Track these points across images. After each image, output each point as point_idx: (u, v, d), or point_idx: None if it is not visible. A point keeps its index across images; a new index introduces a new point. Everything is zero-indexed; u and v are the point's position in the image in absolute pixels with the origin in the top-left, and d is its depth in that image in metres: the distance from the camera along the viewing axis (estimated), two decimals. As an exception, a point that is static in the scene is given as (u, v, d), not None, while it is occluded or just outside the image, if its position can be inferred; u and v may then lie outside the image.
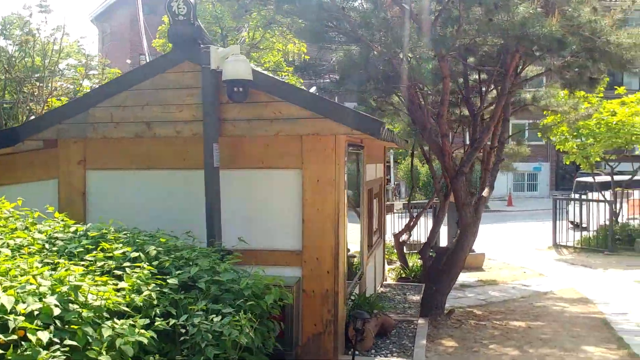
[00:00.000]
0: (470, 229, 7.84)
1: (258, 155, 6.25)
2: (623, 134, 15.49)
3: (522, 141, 12.82)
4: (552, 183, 32.11)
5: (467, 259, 13.06)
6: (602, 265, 13.34)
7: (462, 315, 8.58)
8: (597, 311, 8.96)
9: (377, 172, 9.89)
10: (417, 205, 14.44)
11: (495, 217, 25.75)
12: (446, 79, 7.24)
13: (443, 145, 7.56)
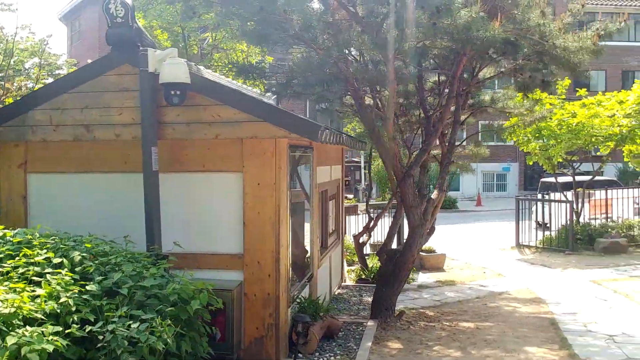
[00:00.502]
0: (419, 231, 7.88)
1: (199, 159, 6.23)
2: (583, 135, 15.71)
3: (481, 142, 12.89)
4: (520, 183, 32.52)
5: (428, 260, 13.24)
6: (562, 265, 13.50)
7: (414, 316, 8.63)
8: (547, 311, 9.07)
9: (333, 173, 9.91)
10: (380, 206, 14.48)
11: (463, 217, 26.02)
12: (392, 82, 7.26)
13: (390, 147, 7.59)
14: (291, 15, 6.33)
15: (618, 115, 16.01)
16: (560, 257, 14.69)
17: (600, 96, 16.88)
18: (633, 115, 15.95)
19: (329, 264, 9.72)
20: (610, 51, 32.50)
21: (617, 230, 16.11)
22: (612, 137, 16.12)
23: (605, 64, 32.38)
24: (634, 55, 32.31)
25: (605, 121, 15.83)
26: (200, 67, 8.33)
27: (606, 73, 31.39)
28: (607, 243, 15.17)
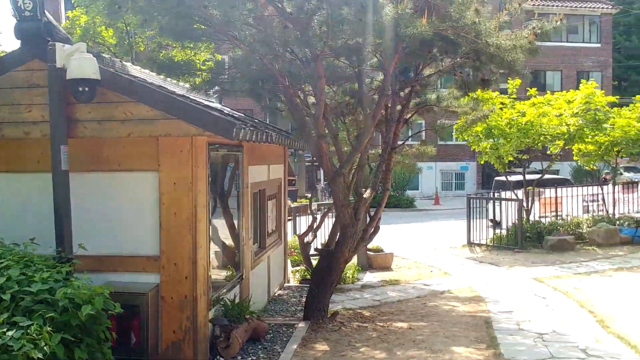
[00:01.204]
0: (349, 231, 7.78)
1: (114, 158, 6.02)
2: (532, 134, 15.85)
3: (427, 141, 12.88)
4: (479, 182, 32.81)
5: (375, 259, 13.19)
6: (509, 263, 13.58)
7: (349, 316, 8.53)
8: (484, 310, 9.06)
9: (271, 173, 9.75)
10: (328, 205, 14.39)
11: (420, 215, 26.12)
12: (321, 79, 7.15)
13: (320, 146, 7.47)
14: (212, 10, 6.16)
15: (565, 114, 16.22)
16: (509, 255, 14.79)
17: (549, 95, 17.08)
18: (580, 114, 16.17)
19: (267, 265, 9.57)
20: (566, 52, 33.18)
21: (566, 228, 16.31)
22: (560, 136, 16.33)
23: (561, 64, 32.95)
24: (588, 56, 32.90)
25: (554, 120, 16.01)
26: (127, 64, 8.09)
27: (562, 73, 31.90)
28: (555, 241, 15.33)
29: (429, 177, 31.86)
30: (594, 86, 16.61)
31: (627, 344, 7.07)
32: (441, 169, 31.82)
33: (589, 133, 16.54)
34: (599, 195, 18.23)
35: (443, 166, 30.68)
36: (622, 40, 37.48)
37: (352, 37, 7.21)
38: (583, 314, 8.67)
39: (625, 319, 8.42)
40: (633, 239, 16.15)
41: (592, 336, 7.42)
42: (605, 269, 12.60)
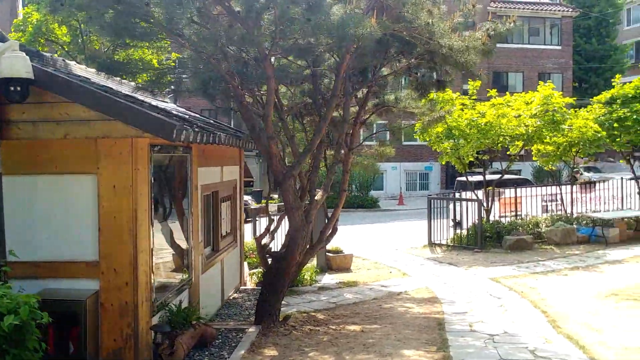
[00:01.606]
0: (300, 234, 7.67)
1: (52, 160, 5.81)
2: (491, 135, 15.95)
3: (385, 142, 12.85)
4: (442, 182, 33.04)
5: (335, 261, 13.11)
6: (468, 263, 13.63)
7: (302, 320, 8.43)
8: (439, 311, 9.05)
9: (225, 174, 9.59)
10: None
11: (384, 216, 26.18)
12: (270, 79, 7.02)
13: (270, 147, 7.34)
14: (154, 8, 5.98)
15: (524, 115, 16.38)
16: (469, 255, 14.86)
17: (508, 97, 17.23)
18: (538, 115, 16.35)
19: (221, 268, 9.40)
20: (527, 54, 33.64)
21: (525, 227, 16.48)
22: (519, 137, 16.47)
23: (522, 66, 33.38)
24: (549, 57, 33.42)
25: (513, 121, 16.15)
26: (71, 63, 7.84)
27: (523, 75, 32.35)
28: (513, 240, 15.47)
29: (394, 178, 31.96)
30: (551, 87, 16.82)
31: (576, 344, 7.10)
32: (406, 169, 31.97)
33: (547, 134, 16.73)
34: (557, 195, 18.47)
35: (407, 166, 30.83)
36: (582, 43, 38.16)
37: (302, 37, 7.10)
38: (536, 314, 8.71)
39: (577, 318, 8.49)
40: (590, 238, 16.39)
41: (542, 337, 7.44)
42: (562, 268, 12.74)
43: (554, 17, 33.66)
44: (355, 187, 27.95)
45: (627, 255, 14.24)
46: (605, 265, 13.13)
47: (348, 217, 25.19)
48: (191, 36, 6.31)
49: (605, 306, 9.28)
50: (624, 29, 44.45)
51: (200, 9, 6.69)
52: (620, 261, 13.56)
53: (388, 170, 31.94)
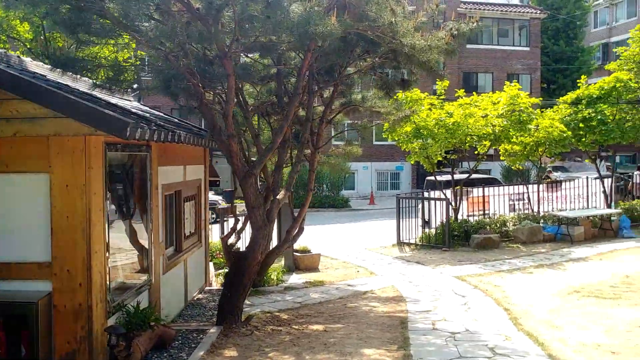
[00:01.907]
0: (262, 233, 7.61)
1: (1, 159, 5.65)
2: (459, 134, 16.05)
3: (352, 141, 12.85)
4: (413, 181, 33.20)
5: (302, 260, 13.06)
6: (436, 262, 13.69)
7: (266, 320, 8.36)
8: (403, 310, 9.06)
9: (188, 173, 9.48)
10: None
11: (355, 215, 26.22)
12: (230, 77, 6.94)
13: (230, 145, 7.26)
14: (109, 4, 5.87)
15: (491, 115, 16.54)
16: (437, 254, 14.93)
17: (475, 96, 17.38)
18: (505, 115, 16.51)
19: (185, 268, 9.29)
20: (497, 55, 34.00)
21: (492, 226, 16.63)
22: (487, 136, 16.61)
23: (492, 66, 33.74)
24: (518, 59, 33.84)
25: (480, 121, 16.28)
26: (26, 59, 7.67)
27: (493, 75, 32.69)
28: (481, 239, 15.60)
29: (365, 177, 32.04)
30: (518, 88, 17.00)
31: (535, 341, 7.17)
32: (377, 169, 32.05)
33: (514, 134, 16.92)
34: (524, 194, 18.69)
35: (379, 166, 30.93)
36: (550, 44, 38.71)
37: (263, 35, 7.05)
38: (498, 312, 8.78)
39: (539, 315, 8.58)
40: (556, 236, 16.62)
41: (503, 334, 7.50)
42: (527, 266, 12.88)
43: (523, 18, 34.08)
44: (327, 187, 27.95)
45: (591, 253, 14.46)
46: (569, 263, 13.31)
47: (319, 217, 25.19)
48: (148, 33, 6.21)
49: (566, 303, 9.40)
50: (591, 31, 45.24)
51: (159, 5, 6.61)
52: (584, 259, 13.76)
53: (359, 170, 32.01)
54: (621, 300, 9.51)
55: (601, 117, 18.31)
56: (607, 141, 18.86)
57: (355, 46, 9.45)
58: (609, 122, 18.35)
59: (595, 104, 18.79)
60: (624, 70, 20.29)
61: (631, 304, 9.23)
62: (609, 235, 16.92)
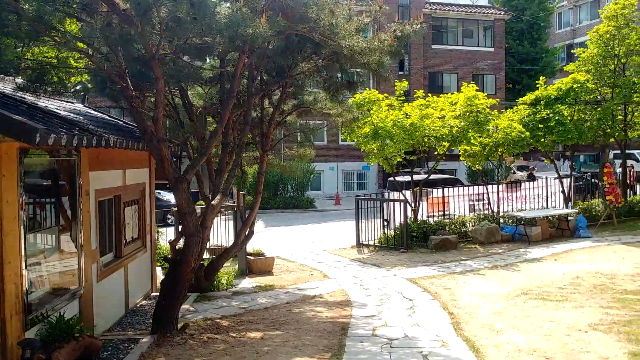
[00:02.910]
0: (194, 239, 7.44)
1: None
2: (416, 135, 16.03)
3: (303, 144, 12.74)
4: (380, 182, 33.21)
5: (255, 264, 12.90)
6: (392, 264, 13.64)
7: (204, 327, 8.19)
8: (348, 315, 8.96)
9: (129, 178, 9.24)
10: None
11: (319, 216, 26.10)
12: (158, 79, 6.76)
13: (161, 150, 7.07)
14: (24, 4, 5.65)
15: (448, 116, 16.56)
16: (395, 256, 14.89)
17: (430, 97, 17.39)
18: (462, 116, 16.53)
19: (125, 274, 9.07)
20: (462, 55, 34.20)
21: (450, 227, 16.64)
22: (445, 137, 16.62)
23: (457, 67, 33.91)
24: (483, 59, 34.07)
25: (437, 122, 16.28)
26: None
27: (458, 76, 32.85)
28: (439, 240, 15.60)
29: (332, 177, 31.96)
30: (475, 89, 17.04)
31: (471, 347, 7.12)
32: (343, 169, 31.99)
33: (472, 134, 16.95)
34: (484, 195, 18.75)
35: (345, 166, 30.87)
36: (515, 45, 39.08)
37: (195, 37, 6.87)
38: (442, 316, 8.73)
39: (482, 319, 8.55)
40: (514, 236, 16.71)
41: (440, 340, 7.44)
42: (481, 268, 12.90)
43: (487, 19, 34.32)
44: (291, 188, 27.79)
45: (546, 253, 14.55)
46: (524, 263, 13.36)
47: (283, 218, 25.04)
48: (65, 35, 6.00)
49: (512, 306, 9.39)
50: (555, 32, 45.81)
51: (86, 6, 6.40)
52: (538, 259, 13.83)
53: (326, 170, 31.93)
54: (567, 302, 9.54)
55: (559, 117, 18.47)
56: (564, 141, 19.06)
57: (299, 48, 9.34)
58: (566, 123, 18.52)
59: (553, 105, 18.95)
60: (582, 71, 20.53)
61: (575, 306, 9.26)
62: (566, 235, 17.06)
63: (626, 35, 19.78)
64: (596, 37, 20.27)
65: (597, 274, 11.74)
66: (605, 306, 9.18)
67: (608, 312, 8.76)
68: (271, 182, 26.38)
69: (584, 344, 7.23)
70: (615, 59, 19.94)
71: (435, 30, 33.10)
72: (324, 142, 31.20)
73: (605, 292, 10.21)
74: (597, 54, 20.15)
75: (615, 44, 19.82)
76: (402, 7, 32.52)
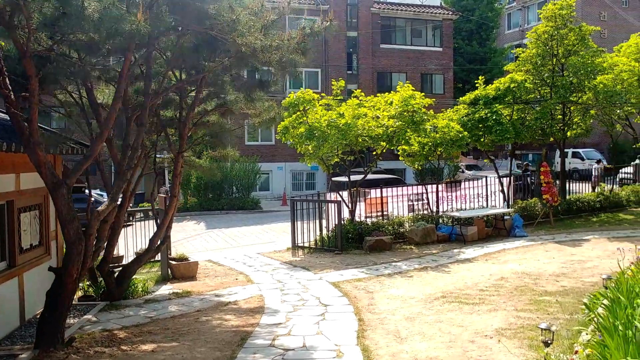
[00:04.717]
0: (76, 248, 7.01)
1: None
2: (350, 135, 15.80)
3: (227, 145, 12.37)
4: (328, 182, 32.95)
5: (178, 269, 12.47)
6: (322, 266, 13.38)
7: (99, 339, 7.77)
8: (255, 323, 8.64)
9: (24, 182, 8.75)
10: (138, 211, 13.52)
11: (265, 217, 25.74)
12: (32, 78, 6.32)
13: (37, 154, 6.63)
14: None
15: (383, 116, 16.38)
16: (328, 258, 14.64)
17: (363, 97, 17.21)
18: (398, 116, 16.36)
19: (20, 284, 8.57)
20: (410, 55, 34.19)
21: (386, 228, 16.45)
22: (380, 137, 16.44)
23: (406, 66, 33.89)
24: (431, 59, 34.11)
25: (370, 122, 16.09)
26: None
27: (407, 75, 32.80)
28: (373, 241, 15.41)
29: (280, 178, 31.57)
30: (411, 88, 16.90)
31: (366, 357, 6.88)
32: (292, 170, 31.58)
33: (410, 134, 16.82)
34: (423, 195, 18.64)
35: (294, 166, 30.44)
36: (464, 45, 39.31)
37: (70, 33, 6.45)
38: (351, 323, 8.47)
39: (391, 325, 8.34)
40: (450, 236, 16.63)
41: (338, 350, 7.17)
42: (411, 269, 12.73)
43: (435, 19, 34.37)
44: (236, 189, 27.31)
45: (479, 253, 14.49)
46: (455, 264, 13.26)
47: (226, 220, 24.58)
48: None
49: (428, 310, 9.21)
50: (505, 32, 46.32)
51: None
52: (470, 260, 13.75)
53: (274, 170, 31.53)
54: (483, 305, 9.41)
55: (496, 117, 18.48)
56: (502, 141, 19.08)
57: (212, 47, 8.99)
58: (504, 123, 18.55)
59: (492, 104, 18.98)
60: (521, 71, 20.64)
61: (490, 309, 9.13)
62: (502, 235, 17.08)
63: (564, 36, 19.95)
64: (535, 37, 20.40)
65: (523, 275, 11.69)
66: (519, 309, 9.07)
67: (520, 316, 8.65)
68: (216, 182, 25.87)
69: (485, 351, 7.06)
70: (554, 59, 20.08)
71: (384, 30, 32.96)
72: (271, 142, 30.79)
73: (524, 293, 10.13)
74: (536, 54, 20.27)
75: (554, 44, 19.97)
76: (350, 6, 32.32)
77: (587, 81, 19.40)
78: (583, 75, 19.33)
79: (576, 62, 19.56)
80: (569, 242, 15.48)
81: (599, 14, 40.88)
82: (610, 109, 20.38)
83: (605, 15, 41.11)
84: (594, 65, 19.40)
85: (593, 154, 34.08)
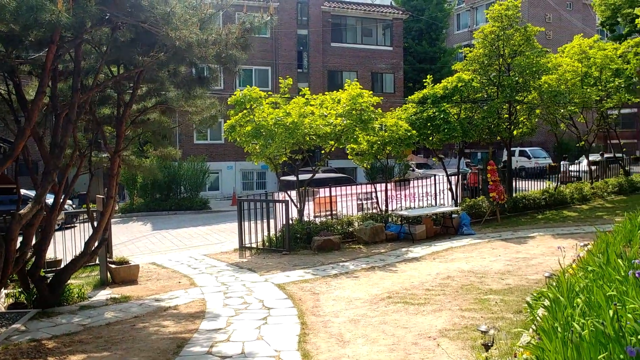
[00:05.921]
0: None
1: None
2: (297, 134, 15.58)
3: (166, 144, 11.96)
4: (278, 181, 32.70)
5: (118, 273, 11.98)
6: (269, 268, 13.11)
7: (23, 351, 7.30)
8: (193, 329, 8.30)
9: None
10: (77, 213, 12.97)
11: (213, 217, 25.33)
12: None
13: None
14: None
15: (330, 114, 16.21)
16: (276, 258, 14.38)
17: (309, 95, 17.03)
18: (346, 115, 16.23)
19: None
20: (360, 54, 34.22)
21: (337, 227, 16.30)
22: (328, 136, 16.27)
23: (356, 65, 33.91)
24: (382, 58, 34.22)
25: (317, 120, 15.90)
26: None
27: (357, 74, 32.82)
28: (321, 241, 15.23)
29: (230, 177, 31.11)
30: (359, 87, 16.78)
31: (305, 364, 6.67)
32: (242, 169, 31.15)
33: (358, 133, 16.70)
34: (372, 193, 18.57)
35: (244, 166, 30.03)
36: (414, 45, 39.63)
37: None
38: (293, 327, 8.22)
39: (336, 327, 8.15)
40: (399, 235, 16.59)
41: (277, 356, 6.91)
42: (357, 269, 12.58)
43: (385, 18, 34.47)
44: (184, 188, 26.74)
45: (426, 252, 14.47)
46: (402, 264, 13.18)
47: (174, 221, 24.06)
48: None
49: (373, 311, 9.05)
50: (454, 33, 46.97)
51: None
52: (417, 259, 13.69)
53: (224, 170, 31.05)
54: (428, 305, 9.31)
55: (444, 116, 18.56)
56: (449, 139, 19.18)
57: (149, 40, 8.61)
58: (452, 121, 18.64)
59: (440, 103, 19.05)
60: (469, 70, 20.82)
61: (435, 309, 9.03)
62: (450, 233, 17.15)
63: (510, 36, 20.22)
64: (482, 37, 20.62)
65: (469, 273, 11.68)
66: (464, 308, 9.00)
67: (464, 316, 8.57)
68: (163, 182, 25.26)
69: (427, 354, 6.93)
70: (500, 59, 20.33)
71: (335, 28, 32.87)
72: (221, 141, 30.28)
73: (470, 292, 10.08)
74: (483, 54, 20.49)
75: (501, 44, 20.20)
76: (301, 4, 32.09)
77: (532, 81, 19.72)
78: (528, 75, 19.63)
79: (522, 62, 19.84)
80: (515, 240, 15.63)
81: (545, 15, 41.83)
82: (555, 108, 20.75)
83: (551, 17, 42.09)
84: (539, 66, 19.72)
85: (539, 152, 34.80)
